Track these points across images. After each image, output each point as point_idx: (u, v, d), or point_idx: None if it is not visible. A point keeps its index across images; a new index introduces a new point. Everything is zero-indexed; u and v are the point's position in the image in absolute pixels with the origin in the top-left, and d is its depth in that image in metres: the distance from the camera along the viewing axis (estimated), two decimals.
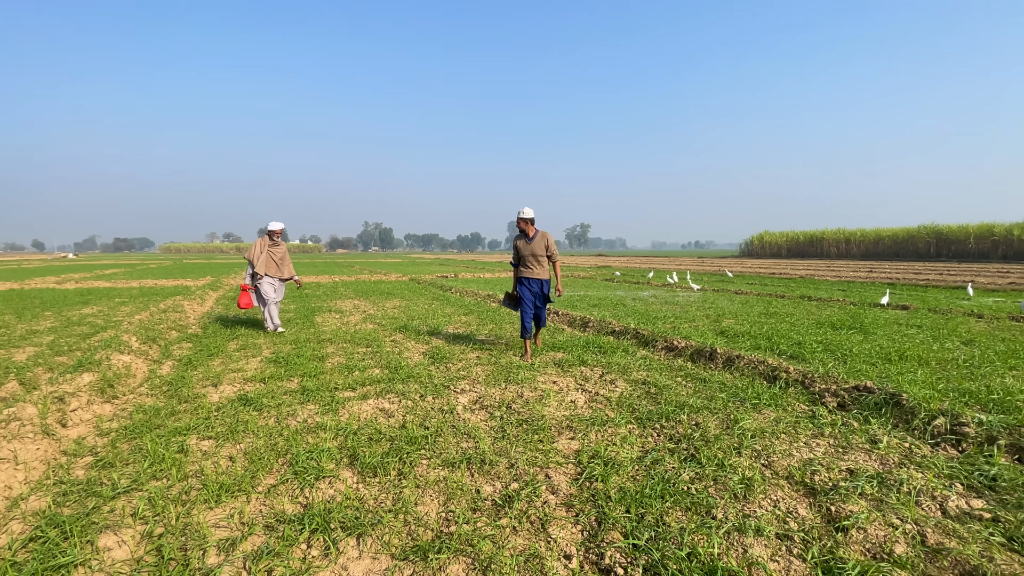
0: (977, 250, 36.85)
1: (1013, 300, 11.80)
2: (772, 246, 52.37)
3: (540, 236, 6.09)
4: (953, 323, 8.13)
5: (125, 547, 2.36)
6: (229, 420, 4.00)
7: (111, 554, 2.31)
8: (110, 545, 2.37)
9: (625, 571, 2.19)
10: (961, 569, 2.16)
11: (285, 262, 8.07)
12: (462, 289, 15.07)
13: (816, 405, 4.28)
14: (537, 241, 6.06)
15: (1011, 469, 3.02)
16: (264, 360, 6.08)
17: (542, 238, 6.09)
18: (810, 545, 2.34)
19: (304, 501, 2.78)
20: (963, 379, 4.75)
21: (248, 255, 7.81)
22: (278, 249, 7.99)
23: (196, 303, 11.90)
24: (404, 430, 3.74)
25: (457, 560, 2.26)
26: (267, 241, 7.95)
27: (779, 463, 3.19)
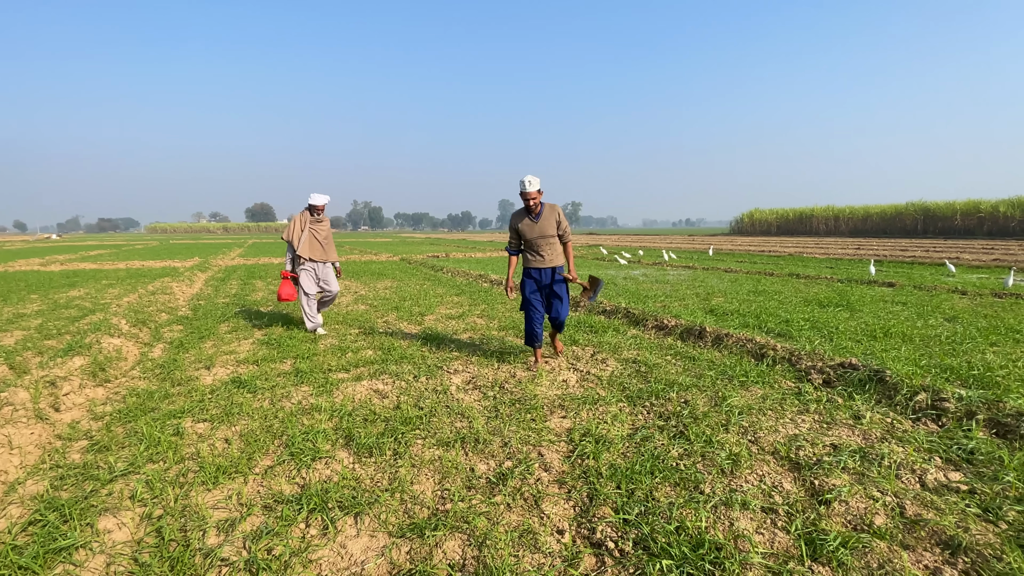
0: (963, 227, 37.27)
1: (996, 277, 12.01)
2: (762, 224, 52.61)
3: (549, 211, 4.73)
4: (937, 300, 8.27)
5: (125, 529, 2.40)
6: (223, 402, 4.02)
7: (111, 536, 2.35)
8: (110, 527, 2.41)
9: (616, 545, 2.26)
10: (938, 539, 2.26)
11: (330, 243, 6.63)
12: (453, 269, 15.06)
13: (802, 382, 4.37)
14: (546, 218, 4.69)
15: (988, 443, 3.13)
16: (256, 342, 6.09)
17: (551, 213, 4.72)
18: (794, 518, 2.42)
19: (301, 482, 2.82)
20: (945, 355, 4.86)
21: (286, 235, 6.40)
22: (322, 227, 6.48)
23: (185, 285, 11.81)
24: (399, 411, 3.79)
25: (453, 536, 2.32)
26: (308, 217, 6.43)
27: (765, 439, 3.28)
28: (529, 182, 4.53)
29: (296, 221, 6.41)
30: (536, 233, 4.70)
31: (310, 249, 6.40)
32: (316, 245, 6.44)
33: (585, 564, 2.16)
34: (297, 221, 6.41)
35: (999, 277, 11.85)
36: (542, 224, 4.70)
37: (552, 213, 4.73)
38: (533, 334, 4.85)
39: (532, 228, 4.71)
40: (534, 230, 4.70)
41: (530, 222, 4.72)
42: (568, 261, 4.87)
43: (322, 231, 6.48)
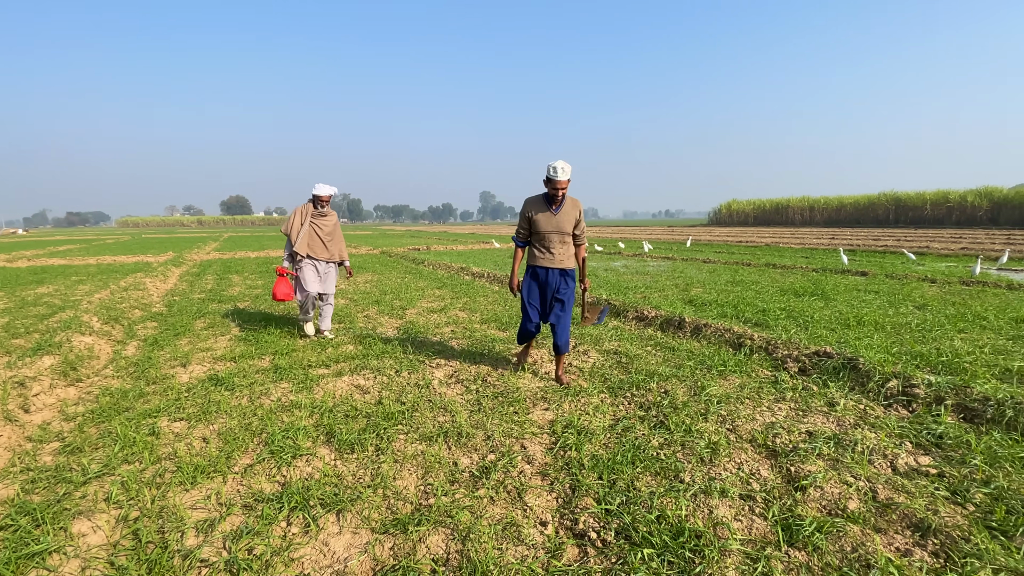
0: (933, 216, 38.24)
1: (964, 265, 12.36)
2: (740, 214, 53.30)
3: (571, 205, 4.13)
4: (908, 288, 8.49)
5: (100, 532, 2.35)
6: (200, 401, 3.95)
7: (86, 540, 2.30)
8: (84, 531, 2.36)
9: (598, 535, 2.28)
10: (908, 522, 2.33)
11: (335, 239, 5.92)
12: (435, 262, 14.98)
13: (778, 371, 4.46)
14: (567, 212, 4.09)
15: (956, 427, 3.23)
16: (234, 338, 5.99)
17: (573, 208, 4.13)
18: (771, 504, 2.48)
19: (282, 480, 2.79)
20: (915, 343, 5.00)
21: (285, 228, 5.80)
22: (326, 221, 5.82)
23: (159, 280, 11.55)
24: (380, 406, 3.76)
25: (436, 531, 2.32)
26: (311, 209, 5.76)
27: (743, 427, 3.34)
28: (561, 169, 3.89)
29: (297, 213, 5.78)
30: (552, 227, 4.08)
31: (309, 245, 5.76)
32: (317, 241, 5.78)
33: (568, 555, 2.19)
34: (298, 213, 5.77)
35: (967, 265, 12.20)
36: (561, 218, 4.08)
37: (574, 208, 4.15)
38: (527, 332, 4.38)
39: (549, 220, 4.08)
40: (551, 223, 4.08)
41: (549, 213, 4.09)
42: (582, 265, 4.37)
43: (326, 226, 5.80)
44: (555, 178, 3.90)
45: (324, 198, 5.72)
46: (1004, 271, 11.34)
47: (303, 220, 5.74)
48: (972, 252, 15.21)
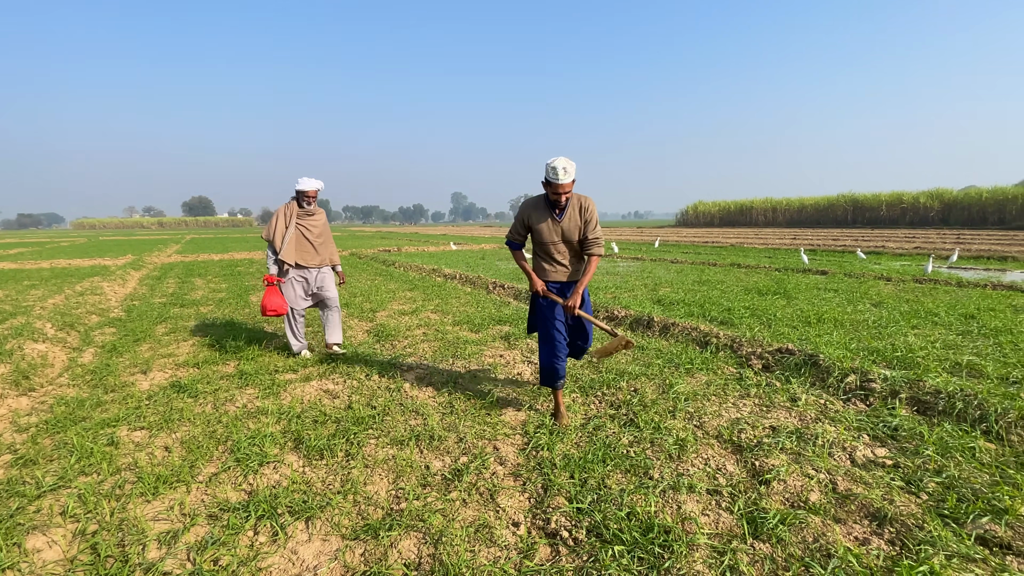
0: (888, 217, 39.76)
1: (917, 263, 12.90)
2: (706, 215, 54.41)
3: (577, 208, 3.38)
4: (865, 286, 8.81)
5: (56, 547, 2.26)
6: (162, 408, 3.83)
7: (41, 555, 2.21)
8: (39, 546, 2.26)
9: (570, 534, 2.31)
10: (866, 511, 2.42)
11: (326, 241, 5.17)
12: (406, 264, 14.86)
13: (743, 367, 4.58)
14: (571, 218, 3.37)
15: (910, 420, 3.37)
16: (197, 344, 5.82)
17: (580, 210, 3.38)
18: (737, 498, 2.54)
19: (248, 488, 2.73)
20: (872, 339, 5.20)
21: (267, 233, 4.94)
22: (314, 221, 5.05)
23: (117, 284, 11.14)
24: (350, 411, 3.72)
25: (408, 536, 2.31)
26: (295, 209, 4.98)
27: (710, 423, 3.42)
28: (563, 169, 3.16)
29: (280, 215, 4.96)
30: (557, 236, 3.39)
31: (298, 252, 4.96)
32: (307, 246, 5.01)
33: (540, 555, 2.20)
34: (281, 215, 4.96)
35: (920, 264, 12.73)
36: (567, 226, 3.36)
37: (581, 211, 3.37)
38: (553, 370, 3.47)
39: (552, 230, 3.38)
40: (554, 232, 3.38)
41: (551, 221, 3.38)
42: (583, 279, 3.42)
43: (315, 226, 5.05)
44: (556, 181, 3.18)
45: (310, 194, 4.96)
46: (954, 269, 11.88)
47: (288, 222, 4.96)
48: (925, 251, 15.88)
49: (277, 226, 4.94)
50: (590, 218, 3.38)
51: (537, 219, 3.42)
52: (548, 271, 3.50)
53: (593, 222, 3.38)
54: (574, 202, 3.38)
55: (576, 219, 3.37)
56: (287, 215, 4.98)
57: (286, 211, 4.98)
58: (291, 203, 5.02)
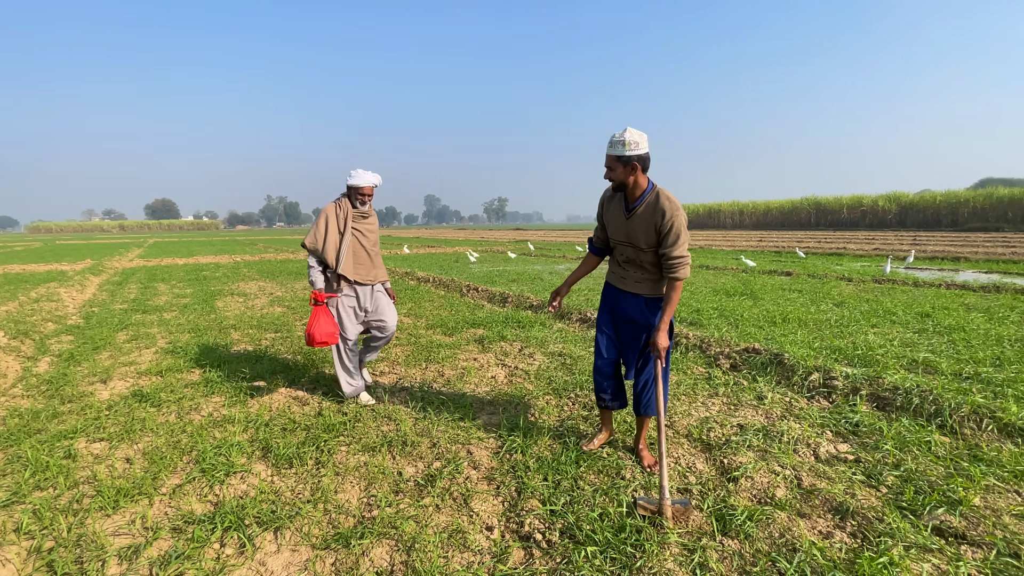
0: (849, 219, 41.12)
1: (877, 264, 13.37)
2: None
3: (653, 205, 2.66)
4: (828, 287, 9.09)
5: (10, 565, 2.16)
6: (123, 419, 3.70)
7: None
8: None
9: (544, 536, 2.31)
10: (830, 506, 2.50)
11: (378, 251, 4.08)
12: None
13: (712, 367, 4.67)
14: (642, 215, 2.69)
15: (871, 416, 3.49)
16: (160, 351, 5.65)
17: (655, 210, 2.65)
18: (706, 496, 2.59)
19: (214, 499, 2.66)
20: (834, 337, 5.36)
21: (312, 239, 3.77)
22: (369, 225, 3.98)
23: (75, 290, 10.74)
24: (320, 417, 3.66)
25: (380, 543, 2.28)
26: (350, 209, 3.87)
27: (680, 422, 3.48)
28: (618, 142, 2.56)
29: (331, 216, 3.80)
30: (623, 234, 2.79)
31: (355, 265, 3.87)
32: (362, 257, 3.91)
33: (514, 558, 2.20)
34: (332, 216, 3.81)
35: (879, 265, 13.20)
36: (636, 224, 2.71)
37: (654, 213, 2.64)
38: (596, 383, 3.06)
39: (619, 224, 2.79)
40: (621, 228, 2.79)
41: (620, 213, 2.78)
42: (665, 309, 2.68)
43: (371, 232, 3.99)
44: (619, 155, 2.58)
45: (367, 191, 3.86)
46: (911, 270, 12.35)
47: (343, 226, 3.84)
48: (883, 252, 16.47)
49: (329, 231, 3.78)
50: (668, 229, 2.61)
51: (609, 211, 2.87)
52: (611, 273, 3.00)
53: (673, 235, 2.60)
54: (651, 200, 2.66)
55: (647, 221, 2.66)
56: (340, 215, 3.84)
57: (338, 211, 3.85)
58: (342, 200, 3.88)
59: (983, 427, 3.20)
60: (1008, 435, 3.12)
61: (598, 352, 3.02)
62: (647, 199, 2.67)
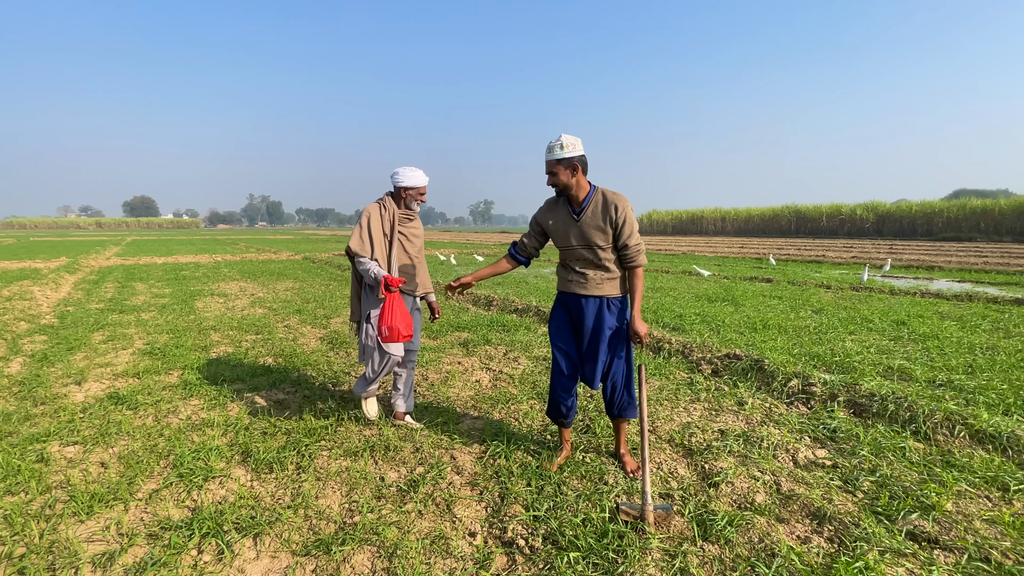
0: (828, 227, 41.84)
1: (854, 272, 13.62)
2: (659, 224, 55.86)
3: (600, 203, 2.75)
4: (807, 294, 9.25)
5: None
6: (98, 422, 3.62)
7: None
8: None
9: (526, 542, 2.31)
10: (807, 511, 2.54)
11: (423, 259, 3.73)
12: None
13: (694, 373, 4.72)
14: (592, 213, 2.75)
15: (848, 422, 3.56)
16: (137, 352, 5.54)
17: (605, 207, 2.73)
18: (688, 501, 2.61)
19: (192, 505, 2.62)
20: (813, 344, 5.46)
21: (357, 243, 3.34)
22: (415, 229, 3.61)
23: (50, 289, 10.49)
24: (301, 421, 3.62)
25: (362, 550, 2.26)
26: (395, 209, 3.46)
27: (662, 428, 3.51)
28: (557, 146, 2.65)
29: (375, 216, 3.40)
30: (575, 239, 2.79)
31: (402, 265, 3.53)
32: (408, 266, 3.55)
33: (496, 564, 2.20)
34: (376, 216, 3.40)
35: (856, 272, 13.46)
36: (585, 224, 2.75)
37: (605, 209, 2.72)
38: (554, 402, 2.98)
39: (568, 230, 2.80)
40: (571, 233, 2.79)
41: (568, 218, 2.80)
42: (634, 298, 2.80)
43: (417, 237, 3.61)
44: (557, 158, 2.67)
45: (420, 191, 3.49)
46: (887, 278, 12.62)
47: (389, 229, 3.43)
48: (861, 260, 16.81)
49: (375, 234, 3.37)
50: (623, 221, 2.69)
51: (554, 218, 2.86)
52: (565, 281, 2.93)
53: (628, 226, 2.71)
54: (597, 198, 2.75)
55: (598, 219, 2.72)
56: (386, 218, 3.43)
57: (383, 212, 3.43)
58: (387, 200, 3.47)
59: (955, 433, 3.28)
60: (979, 441, 3.20)
61: (558, 371, 2.95)
62: (594, 199, 2.75)
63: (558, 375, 2.95)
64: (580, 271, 2.84)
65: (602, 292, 2.81)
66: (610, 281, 2.81)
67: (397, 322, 3.17)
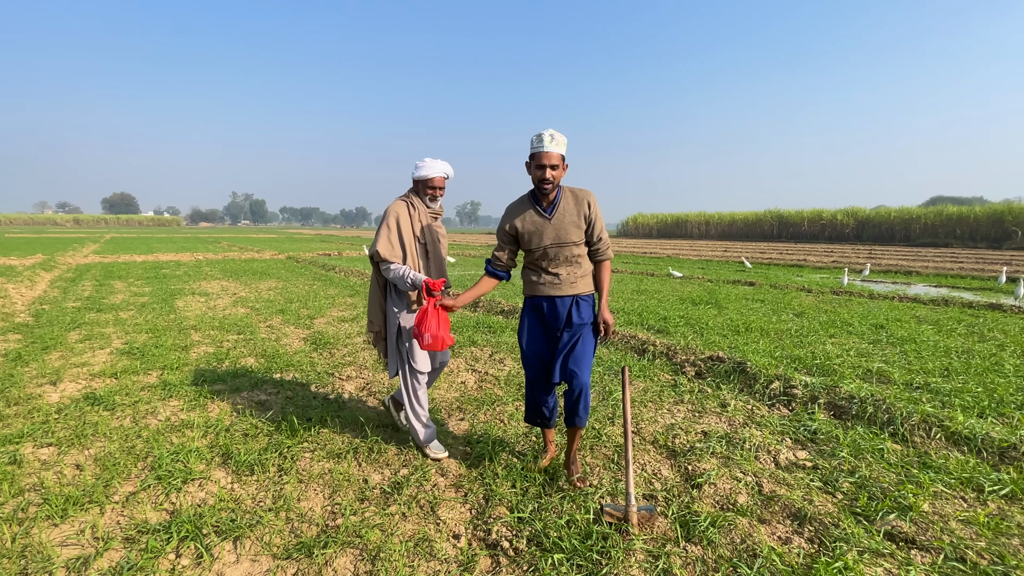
0: (809, 232, 42.49)
1: (835, 276, 13.85)
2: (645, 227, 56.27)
3: (571, 201, 2.75)
4: (789, 297, 9.38)
5: None
6: (74, 423, 3.54)
7: None
8: None
9: (510, 544, 2.31)
10: (788, 512, 2.57)
11: (445, 259, 3.37)
12: (347, 268, 14.48)
13: (678, 375, 4.75)
14: (565, 212, 2.73)
15: (828, 423, 3.61)
16: (115, 352, 5.43)
17: (576, 204, 2.75)
18: (671, 502, 2.63)
19: (171, 508, 2.57)
20: (794, 347, 5.53)
21: (384, 246, 3.04)
22: (440, 228, 3.33)
23: (24, 286, 10.24)
24: (284, 423, 3.57)
25: (344, 552, 2.24)
26: (422, 207, 3.20)
27: (647, 429, 3.53)
28: (550, 136, 2.56)
29: (402, 215, 3.11)
30: (549, 238, 2.71)
31: (426, 266, 3.22)
32: (434, 258, 3.25)
33: (481, 566, 2.19)
34: (405, 215, 3.12)
35: (837, 277, 13.68)
36: (559, 222, 2.70)
37: (578, 205, 2.72)
38: (535, 406, 2.93)
39: (542, 229, 2.72)
40: (545, 232, 2.71)
41: (538, 218, 2.72)
42: (602, 291, 2.86)
43: (443, 238, 3.35)
44: (540, 149, 2.56)
45: (437, 182, 3.15)
46: (867, 282, 12.85)
47: (418, 229, 3.16)
48: (841, 265, 17.08)
49: (404, 236, 3.08)
50: (594, 216, 2.75)
51: (523, 221, 2.75)
52: (538, 284, 2.79)
53: (600, 220, 2.77)
54: (567, 195, 2.74)
55: (572, 215, 2.71)
56: (415, 217, 3.14)
57: (411, 210, 3.14)
58: (413, 197, 3.19)
59: (932, 435, 3.34)
60: (955, 443, 3.27)
61: (534, 374, 2.87)
62: (564, 196, 2.75)
63: (536, 380, 2.88)
64: (553, 272, 2.77)
65: (576, 290, 2.77)
66: (583, 278, 2.80)
67: (441, 330, 2.77)
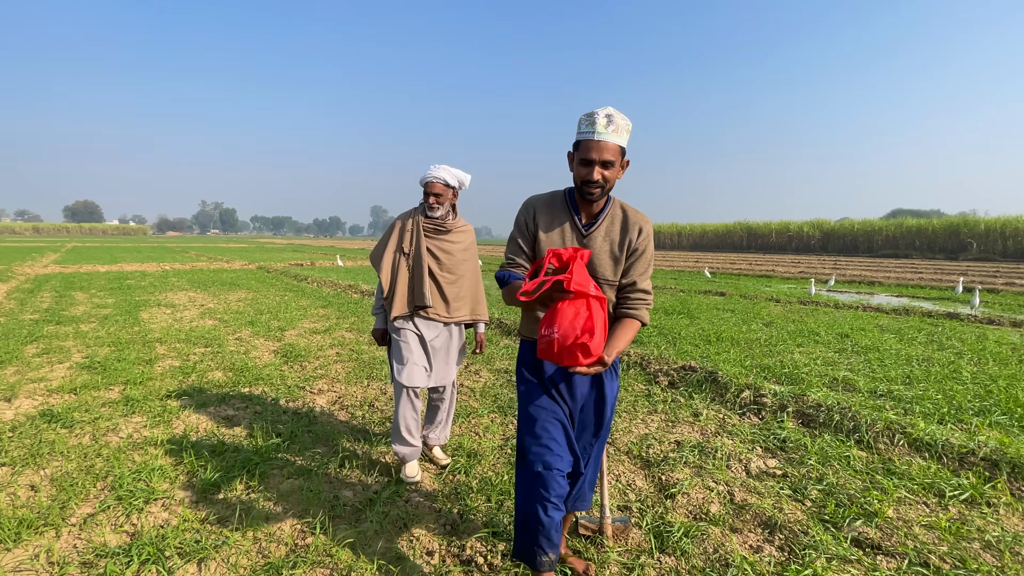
0: (777, 243, 43.62)
1: (802, 286, 14.21)
2: None
3: (618, 217, 1.89)
4: (758, 307, 9.58)
5: None
6: (29, 441, 3.39)
7: None
8: None
9: (485, 559, 2.28)
10: (759, 520, 2.60)
11: (467, 276, 3.08)
12: (319, 279, 14.26)
13: (652, 384, 4.80)
14: (609, 232, 1.87)
15: (796, 432, 3.68)
16: (75, 366, 5.23)
17: (623, 225, 1.88)
18: (645, 513, 2.64)
19: (131, 529, 2.47)
20: (764, 356, 5.64)
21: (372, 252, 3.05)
22: (449, 242, 3.00)
23: None
24: (252, 439, 3.48)
25: (314, 572, 2.18)
26: (421, 220, 2.96)
27: (621, 440, 3.55)
28: (607, 118, 1.70)
29: (396, 224, 3.02)
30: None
31: (412, 290, 2.95)
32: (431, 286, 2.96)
33: None
34: (398, 225, 3.00)
35: (804, 287, 14.05)
36: (599, 243, 1.88)
37: (626, 230, 1.88)
38: (535, 519, 1.77)
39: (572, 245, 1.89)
40: None
41: (571, 232, 1.89)
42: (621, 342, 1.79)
43: (450, 251, 3.00)
44: (591, 136, 1.72)
45: (436, 188, 2.87)
46: (832, 292, 13.23)
47: (408, 241, 2.95)
48: (808, 275, 17.55)
49: (388, 245, 2.97)
50: (643, 250, 1.89)
51: (548, 224, 1.90)
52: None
53: (646, 259, 1.91)
54: (617, 211, 1.91)
55: (615, 242, 1.88)
56: (408, 229, 2.96)
57: (405, 221, 2.99)
58: (413, 218, 2.99)
59: (895, 442, 3.44)
60: (917, 449, 3.37)
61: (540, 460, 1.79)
62: (609, 212, 1.89)
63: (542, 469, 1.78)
64: None
65: None
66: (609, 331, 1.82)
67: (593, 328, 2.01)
